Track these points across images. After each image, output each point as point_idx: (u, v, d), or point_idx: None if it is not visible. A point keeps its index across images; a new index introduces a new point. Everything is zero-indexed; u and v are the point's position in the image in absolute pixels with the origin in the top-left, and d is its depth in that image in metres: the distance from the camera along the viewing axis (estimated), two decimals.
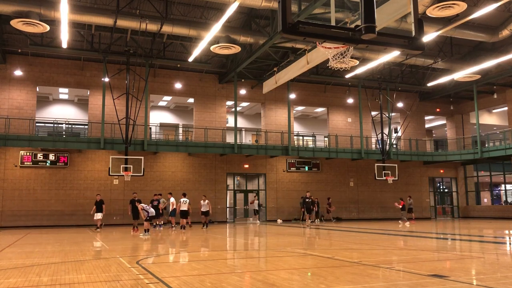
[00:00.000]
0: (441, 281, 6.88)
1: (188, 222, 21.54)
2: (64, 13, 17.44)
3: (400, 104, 31.94)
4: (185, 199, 21.09)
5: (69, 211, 24.87)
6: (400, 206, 26.35)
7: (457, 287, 6.51)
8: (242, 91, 29.12)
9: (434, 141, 39.38)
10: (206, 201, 22.47)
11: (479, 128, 30.16)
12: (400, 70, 28.87)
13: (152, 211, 18.46)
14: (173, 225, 21.60)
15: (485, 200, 35.54)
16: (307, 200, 24.18)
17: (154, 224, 21.35)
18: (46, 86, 26.41)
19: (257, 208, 27.33)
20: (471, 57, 26.82)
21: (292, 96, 29.86)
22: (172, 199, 21.46)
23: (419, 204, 33.11)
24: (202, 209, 22.25)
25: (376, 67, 27.23)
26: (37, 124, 27.15)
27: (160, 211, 21.23)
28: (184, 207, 20.97)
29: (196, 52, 22.22)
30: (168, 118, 33.45)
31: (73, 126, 29.69)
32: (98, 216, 20.45)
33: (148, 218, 17.96)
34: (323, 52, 8.36)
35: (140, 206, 18.15)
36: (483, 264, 9.02)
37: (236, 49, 21.78)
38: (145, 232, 17.48)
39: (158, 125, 31.83)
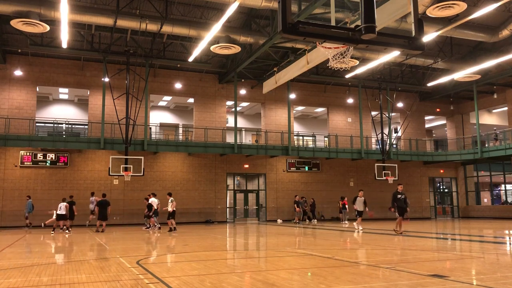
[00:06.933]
0: (441, 281, 6.87)
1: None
2: (64, 13, 17.45)
3: (400, 104, 31.93)
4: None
5: None
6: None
7: (457, 287, 6.51)
8: (242, 91, 29.10)
9: (434, 141, 39.37)
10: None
11: (479, 128, 30.16)
12: (400, 70, 28.86)
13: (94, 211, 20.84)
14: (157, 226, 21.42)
15: (485, 200, 35.52)
16: (399, 196, 16.80)
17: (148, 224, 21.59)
18: (46, 86, 26.42)
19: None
20: (471, 57, 26.81)
21: (292, 96, 29.84)
22: (154, 200, 21.14)
23: (419, 204, 33.12)
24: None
25: (376, 67, 27.23)
26: (37, 124, 27.15)
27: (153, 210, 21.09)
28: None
29: (196, 52, 22.22)
30: (168, 118, 33.45)
31: (73, 126, 29.69)
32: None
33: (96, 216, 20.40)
34: (323, 52, 8.36)
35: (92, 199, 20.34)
36: (483, 264, 9.02)
37: (236, 49, 21.77)
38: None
39: (158, 125, 31.82)
